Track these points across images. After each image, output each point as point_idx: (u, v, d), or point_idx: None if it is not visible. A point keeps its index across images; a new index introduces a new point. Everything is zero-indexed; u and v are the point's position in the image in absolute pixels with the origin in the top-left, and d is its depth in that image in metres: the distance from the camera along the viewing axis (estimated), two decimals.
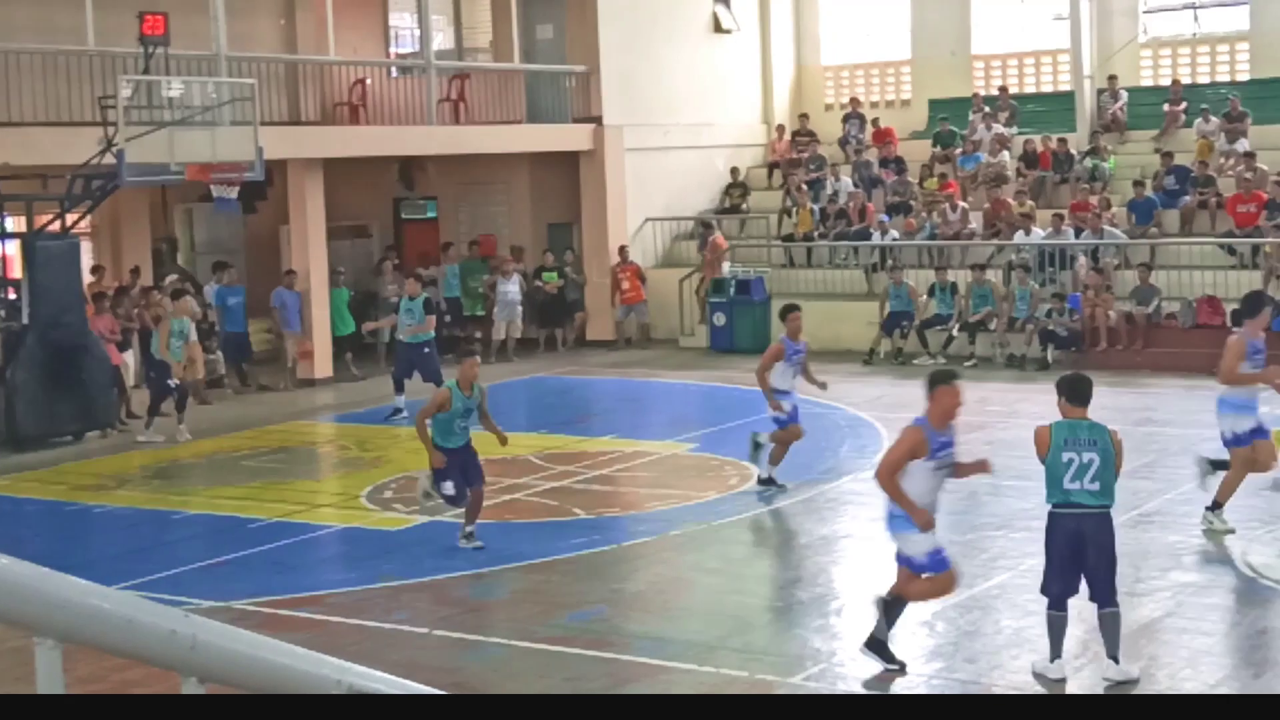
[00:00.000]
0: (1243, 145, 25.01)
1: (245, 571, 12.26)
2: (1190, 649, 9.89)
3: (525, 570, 12.12)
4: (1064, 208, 24.74)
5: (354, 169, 24.59)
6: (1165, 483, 14.02)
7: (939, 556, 9.36)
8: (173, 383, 18.08)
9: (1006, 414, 18.18)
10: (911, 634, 10.46)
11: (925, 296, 23.56)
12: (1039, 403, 18.19)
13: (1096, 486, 9.02)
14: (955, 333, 23.12)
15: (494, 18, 27.62)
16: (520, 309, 24.88)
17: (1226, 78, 27.55)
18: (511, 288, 24.73)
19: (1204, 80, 27.67)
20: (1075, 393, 9.36)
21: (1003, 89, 28.80)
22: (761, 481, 14.49)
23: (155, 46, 18.33)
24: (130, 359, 20.11)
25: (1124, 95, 27.41)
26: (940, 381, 9.41)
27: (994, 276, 23.51)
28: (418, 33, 25.83)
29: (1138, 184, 24.77)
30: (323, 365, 22.66)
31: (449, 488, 12.22)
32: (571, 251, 26.58)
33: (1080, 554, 9.12)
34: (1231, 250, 23.17)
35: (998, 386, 20.70)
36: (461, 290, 25.53)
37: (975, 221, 25.20)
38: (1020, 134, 27.47)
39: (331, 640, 9.90)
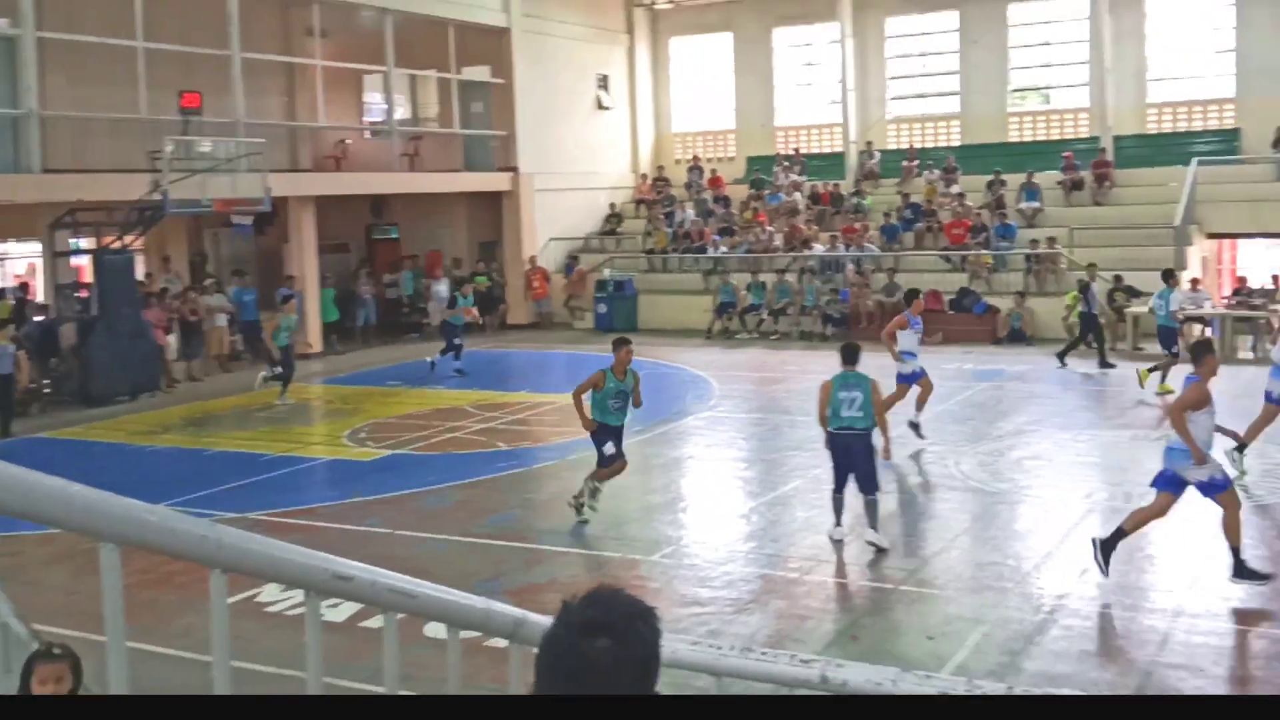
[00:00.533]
0: (956, 189, 25.53)
1: (258, 492, 12.02)
2: (921, 529, 10.12)
3: (463, 487, 11.98)
4: (838, 231, 25.11)
5: (337, 203, 24.10)
6: (903, 416, 14.29)
7: (1219, 478, 8.23)
8: (274, 369, 17.06)
9: (800, 371, 18.42)
10: (731, 524, 10.57)
11: (744, 291, 23.78)
12: (822, 363, 18.47)
13: (860, 414, 9.43)
14: (765, 316, 23.35)
15: (440, 97, 27.25)
16: (447, 303, 24.68)
17: (945, 143, 28.07)
18: (441, 288, 24.52)
19: (930, 145, 28.15)
20: (847, 355, 9.78)
21: (796, 150, 29.03)
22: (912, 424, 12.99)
23: (191, 116, 18.04)
24: (173, 340, 19.58)
25: (878, 155, 27.81)
26: (1207, 350, 8.48)
27: (791, 278, 23.79)
28: (385, 106, 25.39)
29: (886, 215, 25.19)
30: (315, 343, 22.27)
31: (610, 448, 10.38)
32: (496, 261, 26.38)
33: (851, 459, 9.49)
34: (947, 259, 23.69)
35: (794, 353, 20.99)
36: (413, 290, 25.46)
37: (778, 240, 25.43)
38: (809, 180, 27.68)
39: (320, 540, 9.70)
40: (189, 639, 7.41)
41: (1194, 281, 20.84)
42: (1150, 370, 15.73)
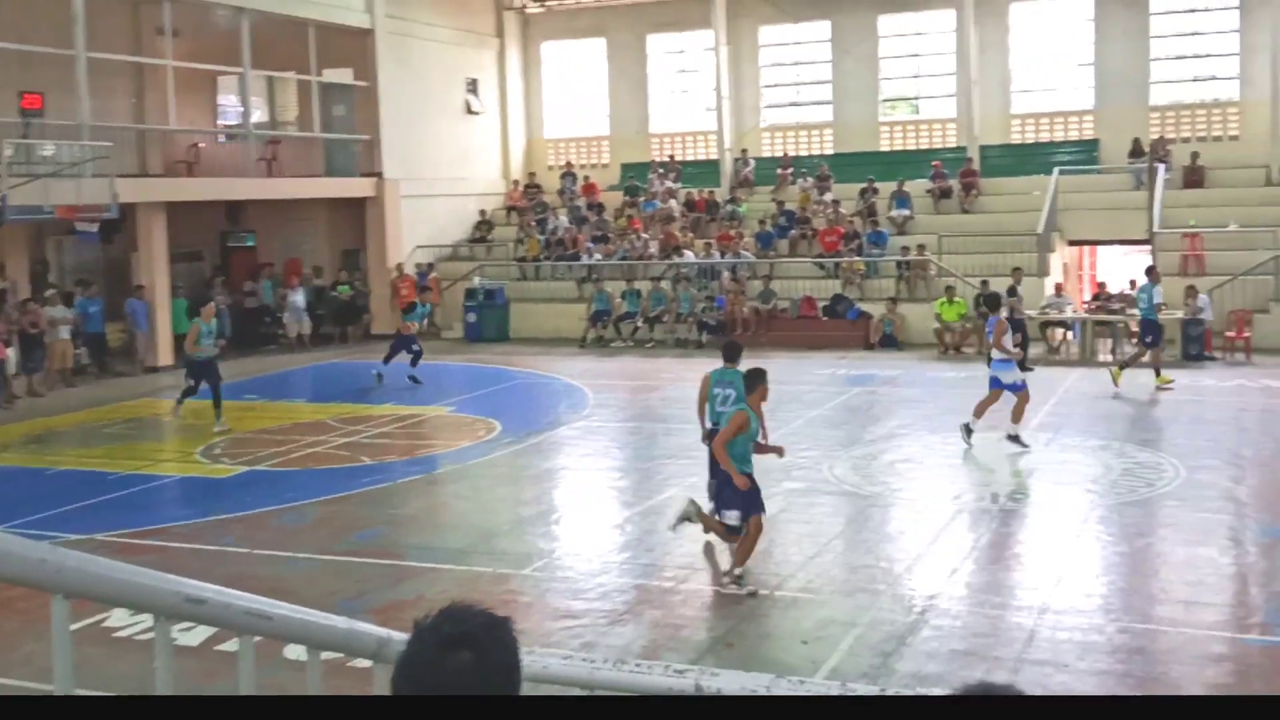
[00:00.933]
0: (829, 196, 26.13)
1: (105, 512, 11.51)
2: (796, 534, 10.27)
3: (325, 503, 11.68)
4: (713, 238, 25.43)
5: (190, 210, 23.33)
6: (779, 422, 14.49)
7: None
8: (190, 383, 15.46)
9: (675, 379, 18.55)
10: (605, 535, 10.58)
11: (619, 299, 23.86)
12: (697, 370, 18.59)
13: (733, 410, 9.51)
14: (640, 324, 23.48)
15: (299, 99, 26.69)
16: (305, 314, 24.21)
17: (819, 151, 28.72)
18: (298, 297, 24.04)
19: (804, 152, 28.76)
20: (727, 352, 10.16)
21: (671, 157, 29.35)
22: (1010, 438, 12.89)
23: (33, 118, 17.32)
24: (12, 354, 18.66)
25: (752, 162, 28.26)
26: None
27: (666, 285, 23.99)
28: (241, 109, 24.75)
29: (761, 222, 25.62)
30: (165, 355, 21.42)
31: (734, 517, 8.78)
32: (359, 270, 25.94)
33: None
34: (822, 266, 24.22)
35: (669, 360, 21.13)
36: (273, 299, 24.84)
37: (653, 247, 25.63)
38: (684, 188, 28.00)
39: (173, 562, 9.38)
40: (30, 667, 7.10)
41: (1057, 287, 21.83)
42: (1121, 368, 16.60)
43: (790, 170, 27.56)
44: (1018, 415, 12.92)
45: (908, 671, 7.18)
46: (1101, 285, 22.21)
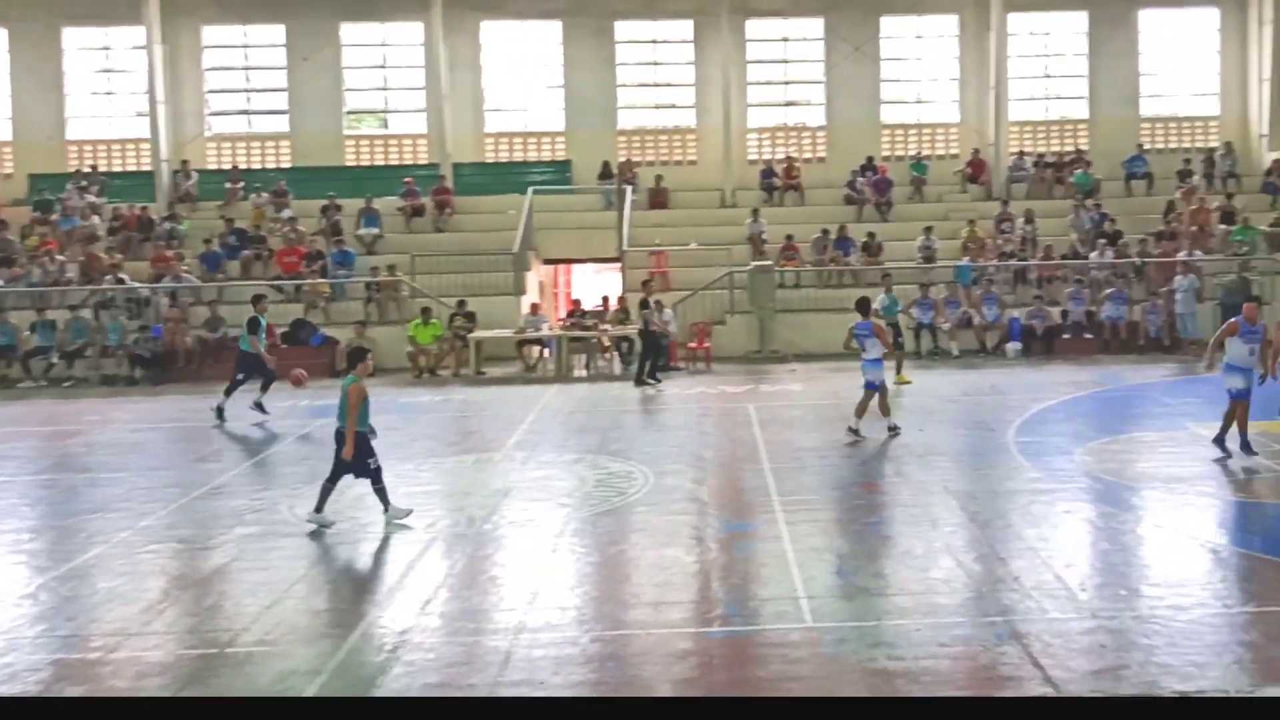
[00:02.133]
0: (287, 213, 25.72)
1: None
2: (251, 582, 9.77)
3: None
4: (149, 260, 24.06)
5: None
6: (229, 462, 13.91)
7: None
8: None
9: (102, 421, 17.25)
10: (16, 604, 9.43)
11: (27, 332, 22.04)
12: (130, 410, 17.43)
13: (339, 413, 11.05)
14: (55, 361, 21.69)
15: None
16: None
17: (274, 164, 28.30)
18: None
19: (257, 166, 28.23)
20: (348, 359, 11.29)
21: (94, 167, 27.67)
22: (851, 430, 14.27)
23: None
24: None
25: (195, 175, 27.40)
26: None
27: (88, 314, 22.34)
28: None
29: (207, 241, 24.75)
30: None
31: None
32: None
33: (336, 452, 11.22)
34: (280, 289, 23.74)
35: (94, 401, 19.58)
36: None
37: (72, 270, 23.79)
38: (110, 203, 26.52)
39: None
40: None
41: (534, 306, 23.03)
42: (898, 371, 18.57)
43: (241, 185, 26.88)
44: (861, 410, 14.41)
45: None
46: (576, 303, 23.71)
